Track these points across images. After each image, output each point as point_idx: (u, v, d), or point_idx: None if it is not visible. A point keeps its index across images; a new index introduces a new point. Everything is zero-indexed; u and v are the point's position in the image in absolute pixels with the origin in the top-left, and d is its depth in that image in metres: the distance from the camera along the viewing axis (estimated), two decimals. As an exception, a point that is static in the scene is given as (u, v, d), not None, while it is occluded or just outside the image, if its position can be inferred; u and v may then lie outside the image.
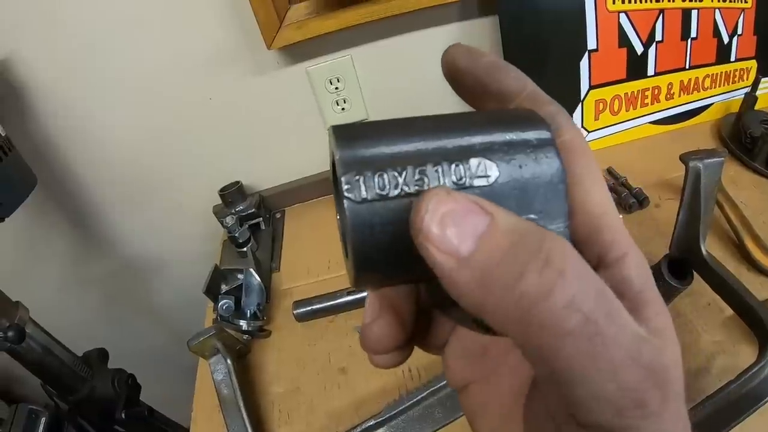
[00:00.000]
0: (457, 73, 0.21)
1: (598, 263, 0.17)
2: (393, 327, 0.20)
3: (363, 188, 0.16)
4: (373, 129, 0.17)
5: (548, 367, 0.14)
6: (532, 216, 0.17)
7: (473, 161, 0.16)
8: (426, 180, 0.16)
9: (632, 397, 0.14)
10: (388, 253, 0.16)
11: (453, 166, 0.16)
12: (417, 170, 0.16)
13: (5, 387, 1.14)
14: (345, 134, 0.17)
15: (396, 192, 0.16)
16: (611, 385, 0.13)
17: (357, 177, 0.16)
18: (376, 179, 0.16)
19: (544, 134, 0.17)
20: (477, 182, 0.16)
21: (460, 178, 0.16)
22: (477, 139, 0.17)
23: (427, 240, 0.15)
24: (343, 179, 0.16)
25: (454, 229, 0.14)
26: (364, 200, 0.16)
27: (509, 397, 0.21)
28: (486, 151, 0.17)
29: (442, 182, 0.16)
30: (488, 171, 0.16)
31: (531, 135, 0.17)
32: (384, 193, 0.16)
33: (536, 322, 0.13)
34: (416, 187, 0.16)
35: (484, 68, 0.20)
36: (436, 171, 0.16)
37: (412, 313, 0.20)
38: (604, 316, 0.14)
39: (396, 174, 0.16)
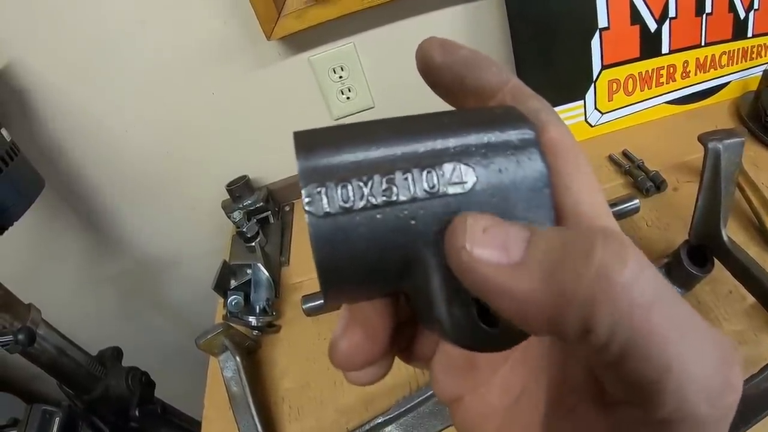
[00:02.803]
0: (432, 68, 0.19)
1: None
2: (363, 342, 0.19)
3: (325, 201, 0.15)
4: (338, 134, 0.16)
5: (636, 347, 0.12)
6: None
7: (447, 166, 0.15)
8: (394, 189, 0.15)
9: (722, 380, 0.12)
10: (356, 268, 0.15)
11: (424, 172, 0.15)
12: (384, 179, 0.15)
13: (25, 386, 1.17)
14: (306, 142, 0.15)
15: (361, 204, 0.15)
16: (706, 363, 0.12)
17: (318, 189, 0.15)
18: (339, 191, 0.15)
19: (526, 133, 0.16)
20: (452, 189, 0.15)
21: (433, 186, 0.15)
22: (451, 142, 0.15)
23: (472, 259, 0.14)
24: (303, 192, 0.15)
25: (500, 237, 0.14)
26: (327, 214, 0.14)
27: (502, 410, 0.20)
28: (462, 155, 0.15)
29: (412, 191, 0.15)
30: (464, 176, 0.15)
31: (512, 135, 0.16)
32: (348, 206, 0.15)
33: (615, 296, 0.12)
34: (384, 198, 0.15)
35: (461, 62, 0.19)
36: (406, 179, 0.15)
37: (387, 326, 0.19)
38: (664, 288, 0.13)
39: (361, 184, 0.15)
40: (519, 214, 0.15)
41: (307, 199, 0.14)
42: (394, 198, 0.15)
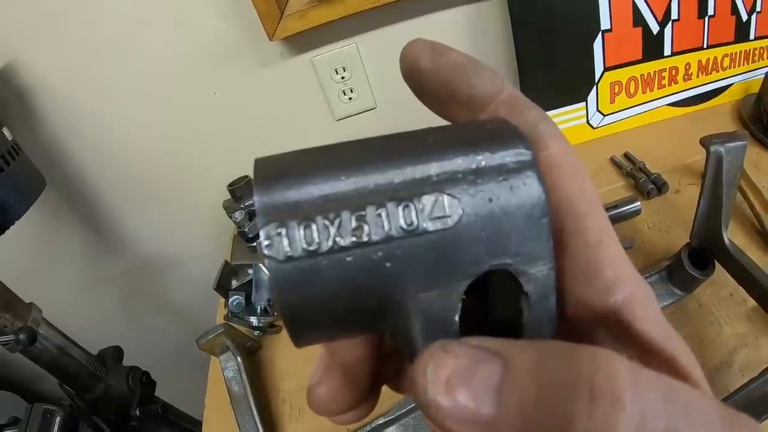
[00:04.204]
0: (418, 75, 0.17)
1: (600, 310, 0.14)
2: (342, 388, 0.17)
3: (286, 243, 0.13)
4: (305, 161, 0.14)
5: None
6: (507, 261, 0.14)
7: (427, 198, 0.13)
8: (366, 228, 0.13)
9: None
10: (326, 314, 0.14)
11: (401, 207, 0.13)
12: (354, 216, 0.13)
13: (26, 385, 1.17)
14: (268, 171, 0.14)
15: (328, 245, 0.13)
16: None
17: (279, 230, 0.13)
18: (302, 231, 0.13)
19: (521, 153, 0.14)
20: (433, 226, 0.13)
21: (411, 223, 0.13)
22: (434, 168, 0.14)
23: (441, 415, 0.12)
24: (261, 233, 0.13)
25: (465, 391, 0.12)
26: (289, 258, 0.13)
27: None
28: (445, 183, 0.13)
29: (386, 228, 0.13)
30: (447, 210, 0.13)
31: (504, 156, 0.14)
32: (312, 248, 0.13)
33: None
34: (353, 239, 0.13)
35: (451, 68, 0.17)
36: (379, 215, 0.13)
37: (368, 367, 0.17)
38: (683, 420, 0.11)
39: (327, 223, 0.13)
40: (512, 248, 0.14)
41: (265, 242, 0.13)
42: (365, 238, 0.13)
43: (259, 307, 0.73)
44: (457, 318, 0.14)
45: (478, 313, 0.16)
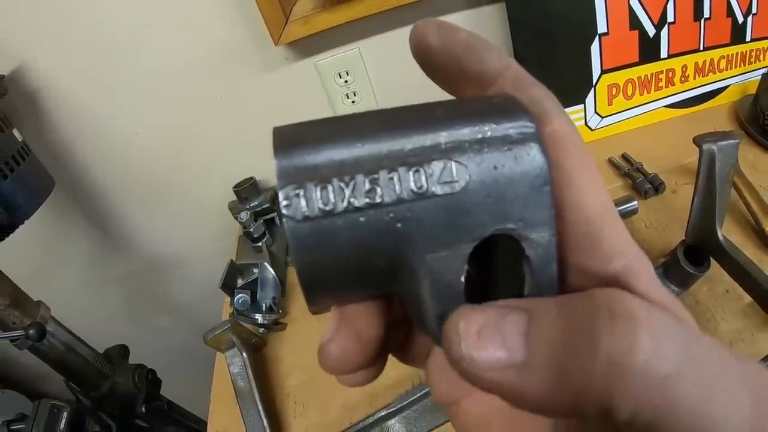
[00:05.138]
0: (428, 52, 0.18)
1: (601, 277, 0.15)
2: (351, 347, 0.18)
3: (303, 204, 0.14)
4: (322, 129, 0.15)
5: (662, 423, 0.12)
6: (510, 226, 0.14)
7: (436, 164, 0.14)
8: (378, 191, 0.14)
9: (758, 417, 0.12)
10: (339, 274, 0.15)
11: (411, 171, 0.14)
12: (368, 179, 0.14)
13: (29, 383, 1.18)
14: (286, 138, 0.15)
15: (343, 206, 0.14)
16: (741, 411, 0.12)
17: (297, 191, 0.14)
18: (318, 192, 0.14)
19: (525, 126, 0.15)
20: (441, 190, 0.14)
21: (420, 187, 0.14)
22: (443, 137, 0.14)
23: (475, 367, 0.13)
24: (280, 194, 0.14)
25: (496, 339, 0.13)
26: (306, 218, 0.14)
27: (501, 413, 0.19)
28: (453, 151, 0.14)
29: (397, 191, 0.14)
30: (455, 175, 0.14)
31: (509, 127, 0.15)
32: (328, 208, 0.14)
33: (631, 383, 0.11)
34: (367, 200, 0.14)
35: (460, 46, 0.18)
36: (391, 179, 0.14)
37: (378, 329, 0.18)
38: (695, 342, 0.12)
39: (342, 185, 0.14)
40: (515, 214, 0.14)
41: (284, 202, 0.14)
42: (378, 200, 0.14)
43: (264, 305, 0.74)
44: (462, 279, 0.14)
45: (482, 286, 0.17)
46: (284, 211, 0.14)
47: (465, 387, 0.19)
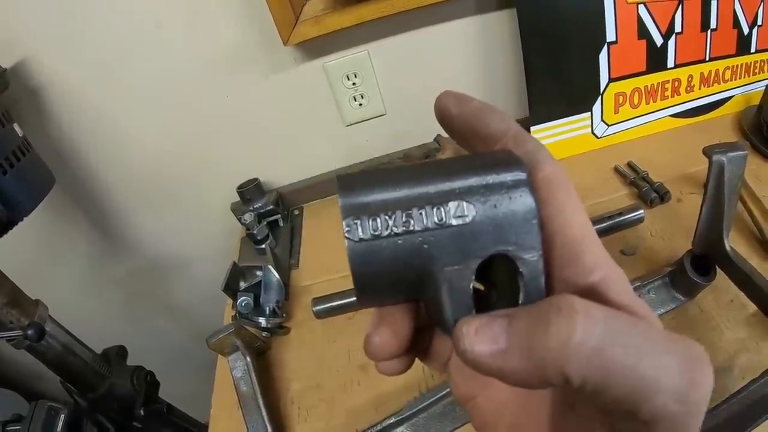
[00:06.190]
0: (448, 118, 0.23)
1: (582, 287, 0.19)
2: (390, 338, 0.22)
3: (360, 230, 0.19)
4: (370, 178, 0.20)
5: (604, 384, 0.15)
6: (507, 248, 0.19)
7: (452, 204, 0.19)
8: (412, 222, 0.19)
9: (687, 380, 0.16)
10: (382, 280, 0.20)
11: (434, 209, 0.19)
12: (404, 214, 0.19)
13: (25, 383, 1.16)
14: (347, 184, 0.20)
15: (387, 232, 0.19)
16: (669, 371, 0.16)
17: (355, 221, 0.19)
18: (370, 222, 0.19)
19: (519, 175, 0.20)
20: (455, 221, 0.19)
21: (441, 219, 0.19)
22: (457, 184, 0.19)
23: (475, 356, 0.18)
24: (344, 223, 0.19)
25: (488, 334, 0.18)
26: (361, 240, 0.19)
27: (513, 406, 0.23)
28: (464, 194, 0.19)
29: (425, 222, 0.19)
30: (466, 211, 0.19)
31: (506, 176, 0.20)
32: (377, 233, 0.19)
33: (573, 354, 0.15)
34: (403, 228, 0.19)
35: (472, 113, 0.23)
36: (421, 214, 0.19)
37: (408, 326, 0.23)
38: (628, 327, 0.16)
39: (387, 218, 0.19)
40: (511, 239, 0.19)
41: (347, 228, 0.19)
42: (411, 228, 0.19)
43: (267, 308, 0.73)
44: (471, 286, 0.19)
45: (487, 297, 0.23)
46: (346, 235, 0.19)
47: (479, 384, 0.24)
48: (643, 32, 0.82)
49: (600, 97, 0.86)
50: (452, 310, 0.19)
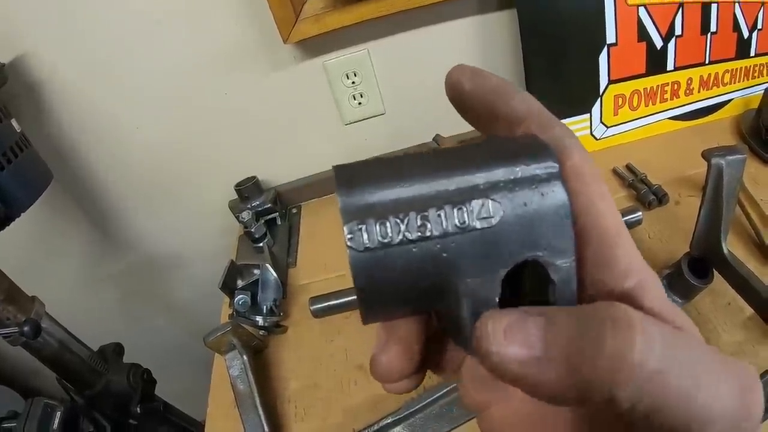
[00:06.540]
0: (462, 95, 0.20)
1: (616, 293, 0.17)
2: (400, 357, 0.20)
3: (365, 237, 0.16)
4: (375, 169, 0.17)
5: (657, 409, 0.14)
6: (538, 253, 0.16)
7: (475, 203, 0.16)
8: (428, 225, 0.16)
9: (741, 407, 0.14)
10: (392, 294, 0.17)
11: (455, 209, 0.16)
12: (419, 216, 0.16)
13: (21, 380, 1.16)
14: (346, 177, 0.16)
15: (398, 239, 0.16)
16: (725, 399, 0.14)
17: (359, 226, 0.16)
18: (377, 227, 0.16)
19: (550, 167, 0.17)
20: (480, 224, 0.16)
21: (463, 222, 0.16)
22: (480, 178, 0.16)
23: (502, 361, 0.15)
24: (345, 228, 0.16)
25: (520, 336, 0.15)
26: (367, 249, 0.16)
27: (527, 416, 0.20)
28: (489, 191, 0.16)
29: (444, 226, 0.16)
30: (491, 211, 0.16)
31: (536, 168, 0.17)
32: (386, 241, 0.16)
33: (628, 375, 0.13)
34: (418, 234, 0.16)
35: (491, 90, 0.20)
36: (439, 215, 0.16)
37: (420, 342, 0.20)
38: (685, 347, 0.14)
39: (398, 221, 0.16)
40: (542, 243, 0.16)
41: (348, 236, 0.16)
42: (428, 234, 0.16)
43: (265, 307, 0.73)
44: (497, 299, 0.17)
45: (512, 302, 0.19)
46: (348, 243, 0.15)
47: (494, 394, 0.21)
48: (643, 34, 0.83)
49: (599, 99, 0.86)
50: (473, 325, 0.16)
